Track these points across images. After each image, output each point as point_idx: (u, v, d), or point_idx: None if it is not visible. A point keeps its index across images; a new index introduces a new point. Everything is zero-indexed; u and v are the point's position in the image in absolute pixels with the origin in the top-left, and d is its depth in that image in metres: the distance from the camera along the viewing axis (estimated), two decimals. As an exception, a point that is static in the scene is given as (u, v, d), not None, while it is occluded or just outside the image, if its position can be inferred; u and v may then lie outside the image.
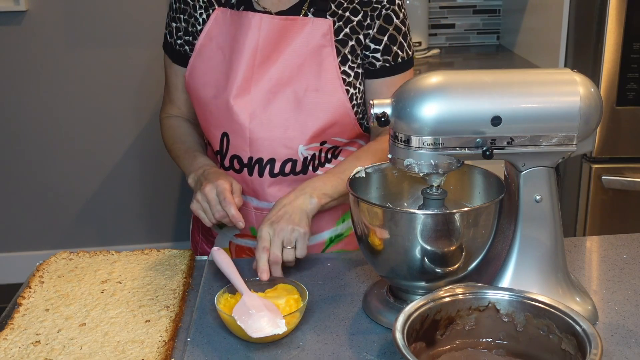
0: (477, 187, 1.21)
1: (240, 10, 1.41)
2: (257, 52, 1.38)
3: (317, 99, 1.37)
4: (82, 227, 3.24)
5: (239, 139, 1.40)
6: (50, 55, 2.98)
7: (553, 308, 0.99)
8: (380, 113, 1.06)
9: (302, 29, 1.38)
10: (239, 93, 1.38)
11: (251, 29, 1.38)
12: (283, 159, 1.41)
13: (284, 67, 1.37)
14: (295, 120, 1.38)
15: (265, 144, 1.39)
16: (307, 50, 1.38)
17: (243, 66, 1.38)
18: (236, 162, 1.43)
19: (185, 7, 1.46)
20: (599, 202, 2.42)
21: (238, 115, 1.38)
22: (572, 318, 0.97)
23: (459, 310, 1.03)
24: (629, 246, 1.39)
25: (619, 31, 2.26)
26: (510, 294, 1.03)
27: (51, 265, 1.30)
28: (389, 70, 1.43)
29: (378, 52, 1.42)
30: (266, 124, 1.38)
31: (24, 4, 2.88)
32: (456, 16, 3.17)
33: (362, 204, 1.12)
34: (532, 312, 1.01)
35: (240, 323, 1.06)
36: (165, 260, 1.31)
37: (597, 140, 2.26)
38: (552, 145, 1.06)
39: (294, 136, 1.39)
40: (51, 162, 3.13)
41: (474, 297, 1.03)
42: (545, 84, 1.07)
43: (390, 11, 1.40)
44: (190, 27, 1.46)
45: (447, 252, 1.09)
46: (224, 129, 1.41)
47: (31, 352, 1.04)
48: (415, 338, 0.99)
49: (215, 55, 1.41)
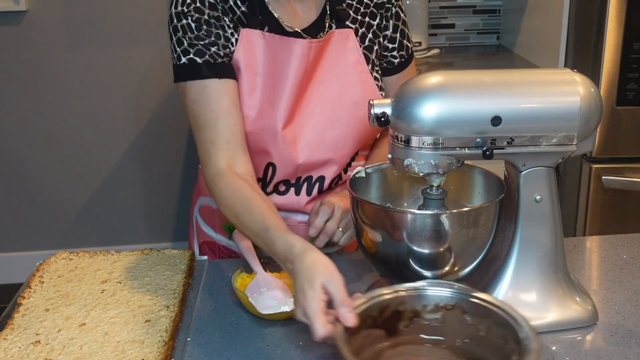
0: (477, 187, 1.21)
1: (274, 34, 1.31)
2: (303, 78, 1.33)
3: (359, 112, 1.35)
4: (82, 227, 3.24)
5: (287, 167, 1.35)
6: (50, 55, 2.98)
7: (498, 308, 0.97)
8: (380, 113, 1.06)
9: (330, 43, 1.35)
10: (287, 123, 1.32)
11: (295, 55, 1.31)
12: (333, 176, 1.40)
13: (324, 87, 1.35)
14: (343, 138, 1.36)
15: (316, 166, 1.37)
16: (341, 64, 1.36)
17: (290, 94, 1.31)
18: (282, 185, 1.39)
19: (210, 29, 1.28)
20: (599, 202, 2.41)
21: (288, 144, 1.32)
22: (519, 329, 0.92)
23: (424, 306, 1.01)
24: (629, 246, 1.39)
25: (619, 31, 2.26)
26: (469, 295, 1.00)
27: (51, 265, 1.29)
28: (405, 63, 1.47)
29: (395, 50, 1.44)
30: (316, 147, 1.35)
31: (24, 4, 2.88)
32: (456, 16, 3.16)
33: (362, 204, 1.12)
34: (495, 320, 0.97)
35: (251, 300, 1.14)
36: (165, 260, 1.31)
37: (597, 140, 2.25)
38: (552, 145, 1.06)
39: (342, 154, 1.38)
40: (51, 162, 3.13)
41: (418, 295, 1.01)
42: (545, 84, 1.07)
43: (397, 8, 1.42)
44: (222, 48, 1.29)
45: (447, 252, 1.09)
46: (270, 159, 1.34)
47: (31, 352, 1.04)
48: (372, 324, 0.99)
49: (251, 80, 1.31)
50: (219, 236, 1.51)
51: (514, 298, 1.12)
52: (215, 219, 1.50)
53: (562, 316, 1.12)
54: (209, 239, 1.52)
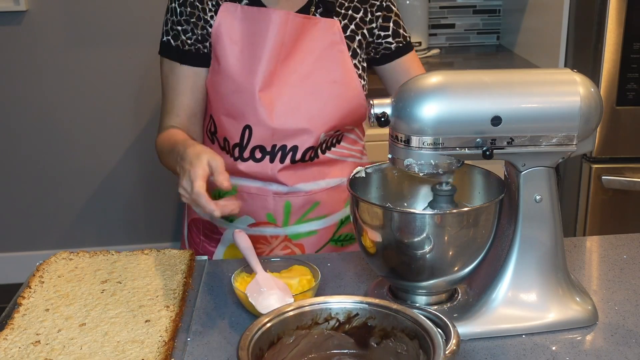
0: (477, 187, 1.21)
1: (252, 6, 1.43)
2: (283, 47, 1.42)
3: (336, 90, 1.46)
4: (82, 227, 3.24)
5: (263, 130, 1.43)
6: (50, 55, 2.98)
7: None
8: (380, 113, 1.06)
9: (315, 27, 1.46)
10: (265, 86, 1.41)
11: (273, 24, 1.41)
12: (306, 146, 1.46)
13: (305, 62, 1.44)
14: (318, 110, 1.45)
15: (290, 134, 1.44)
16: (323, 46, 1.46)
17: (268, 60, 1.41)
18: (258, 151, 1.46)
19: (192, 11, 1.44)
20: (599, 202, 2.42)
21: (265, 107, 1.41)
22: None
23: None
24: (629, 246, 1.39)
25: (619, 31, 2.26)
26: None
27: (51, 265, 1.29)
28: (406, 47, 1.58)
29: (389, 37, 1.55)
30: (291, 114, 1.43)
31: (24, 4, 2.88)
32: (456, 16, 3.17)
33: (362, 204, 1.12)
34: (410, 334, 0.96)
35: (251, 300, 1.15)
36: (165, 260, 1.31)
37: (597, 140, 2.25)
38: (552, 145, 1.06)
39: (317, 126, 1.45)
40: (51, 162, 3.13)
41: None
42: (545, 84, 1.07)
43: (388, 2, 1.55)
44: (200, 29, 1.45)
45: (447, 252, 1.09)
46: (247, 122, 1.43)
47: (31, 352, 1.04)
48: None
49: (231, 50, 1.42)
50: None
51: (514, 298, 1.12)
52: None
53: (562, 316, 1.12)
54: (195, 215, 1.59)
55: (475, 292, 1.16)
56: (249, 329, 0.93)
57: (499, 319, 1.11)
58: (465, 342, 1.09)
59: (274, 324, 0.96)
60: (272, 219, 1.50)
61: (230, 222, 1.53)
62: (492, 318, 1.11)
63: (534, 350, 1.07)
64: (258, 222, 1.51)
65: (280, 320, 0.97)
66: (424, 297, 1.16)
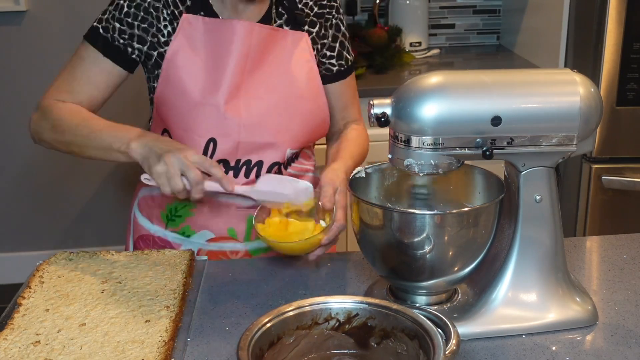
0: (477, 187, 1.21)
1: (215, 18, 1.39)
2: (248, 58, 1.38)
3: (303, 105, 1.43)
4: (82, 227, 3.24)
5: (228, 143, 1.40)
6: (50, 55, 2.98)
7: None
8: (380, 113, 1.06)
9: (284, 40, 1.42)
10: (230, 98, 1.38)
11: (237, 35, 1.37)
12: (271, 162, 1.43)
13: (272, 75, 1.41)
14: (285, 126, 1.42)
15: (255, 147, 1.41)
16: (291, 60, 1.42)
17: (233, 72, 1.37)
18: (221, 165, 1.41)
19: (145, 17, 1.40)
20: (599, 202, 2.41)
21: (230, 120, 1.38)
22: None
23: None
24: (629, 246, 1.39)
25: (619, 31, 2.26)
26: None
27: (51, 265, 1.29)
28: (345, 72, 1.52)
29: (333, 57, 1.49)
30: (257, 129, 1.40)
31: (24, 4, 2.88)
32: (456, 16, 3.16)
33: (362, 204, 1.12)
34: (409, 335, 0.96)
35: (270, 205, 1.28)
36: (165, 260, 1.31)
37: (597, 140, 2.25)
38: (552, 145, 1.06)
39: (283, 141, 1.42)
40: (51, 162, 3.12)
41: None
42: (545, 84, 1.07)
43: (338, 20, 1.49)
44: (151, 37, 1.41)
45: (447, 252, 1.09)
46: (212, 134, 1.39)
47: (31, 352, 1.04)
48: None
49: (192, 62, 1.38)
50: (155, 227, 1.52)
51: (514, 298, 1.12)
52: (154, 209, 1.52)
53: (562, 316, 1.12)
54: (145, 232, 1.54)
55: (475, 292, 1.16)
56: (249, 329, 0.93)
57: (499, 319, 1.11)
58: (465, 342, 1.09)
59: (274, 324, 0.96)
60: (234, 234, 1.46)
61: (186, 237, 1.48)
62: (492, 318, 1.11)
63: (534, 350, 1.07)
64: (218, 237, 1.47)
65: (280, 320, 0.97)
66: (424, 297, 1.16)
